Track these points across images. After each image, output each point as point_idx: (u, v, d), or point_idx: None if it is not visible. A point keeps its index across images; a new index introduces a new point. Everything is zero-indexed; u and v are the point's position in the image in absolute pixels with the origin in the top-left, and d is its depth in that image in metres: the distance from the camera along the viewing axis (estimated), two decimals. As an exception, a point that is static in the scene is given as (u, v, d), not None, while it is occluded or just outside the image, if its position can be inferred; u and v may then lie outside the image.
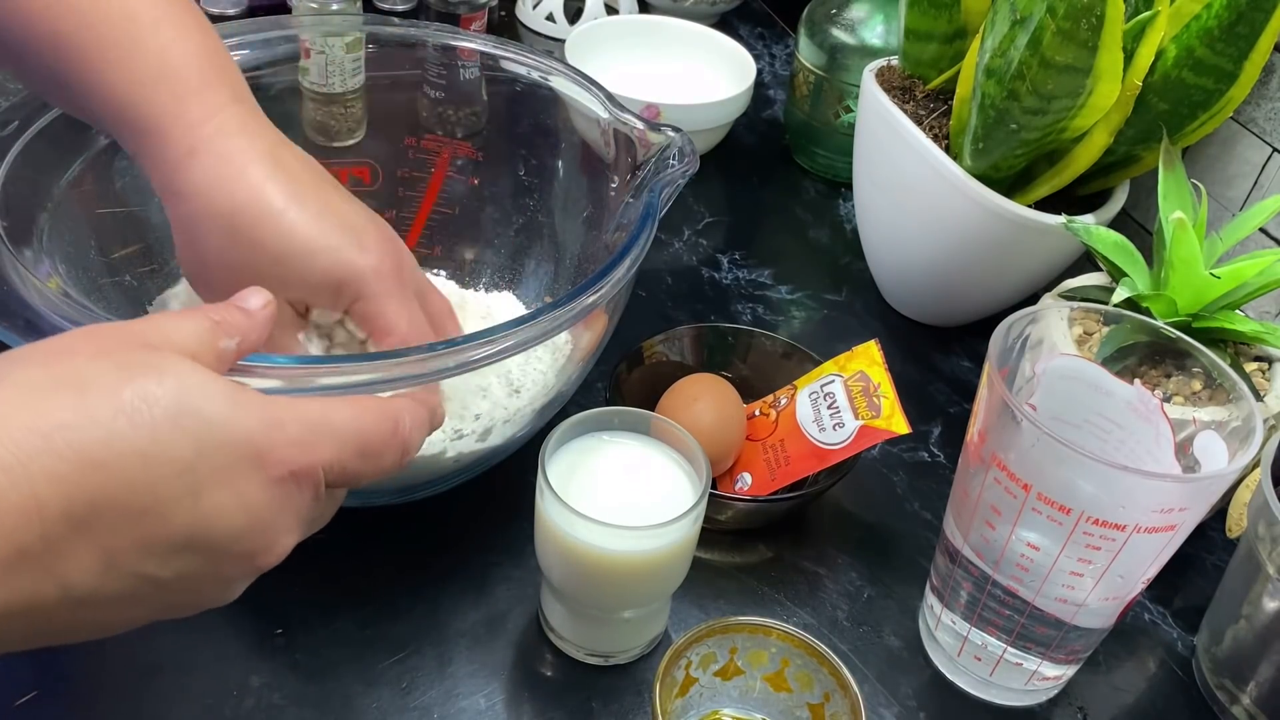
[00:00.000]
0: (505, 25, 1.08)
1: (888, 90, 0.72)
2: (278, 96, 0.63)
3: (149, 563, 0.30)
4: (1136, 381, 0.49)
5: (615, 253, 0.48)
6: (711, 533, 0.58)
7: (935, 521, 0.62)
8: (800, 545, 0.60)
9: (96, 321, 0.40)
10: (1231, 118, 0.68)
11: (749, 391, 0.63)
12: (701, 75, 0.94)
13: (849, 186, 0.86)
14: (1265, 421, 0.52)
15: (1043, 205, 0.66)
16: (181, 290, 0.57)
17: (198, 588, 0.33)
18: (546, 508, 0.47)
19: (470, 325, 0.62)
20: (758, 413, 0.62)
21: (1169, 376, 0.53)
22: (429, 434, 0.41)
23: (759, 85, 0.98)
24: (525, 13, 1.07)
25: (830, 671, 0.45)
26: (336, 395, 0.39)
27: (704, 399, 0.59)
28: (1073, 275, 0.66)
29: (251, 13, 0.98)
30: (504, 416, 0.53)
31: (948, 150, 0.69)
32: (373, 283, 0.43)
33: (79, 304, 0.42)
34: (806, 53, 0.88)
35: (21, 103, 0.51)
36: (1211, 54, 0.59)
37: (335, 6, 0.81)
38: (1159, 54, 0.60)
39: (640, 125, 0.57)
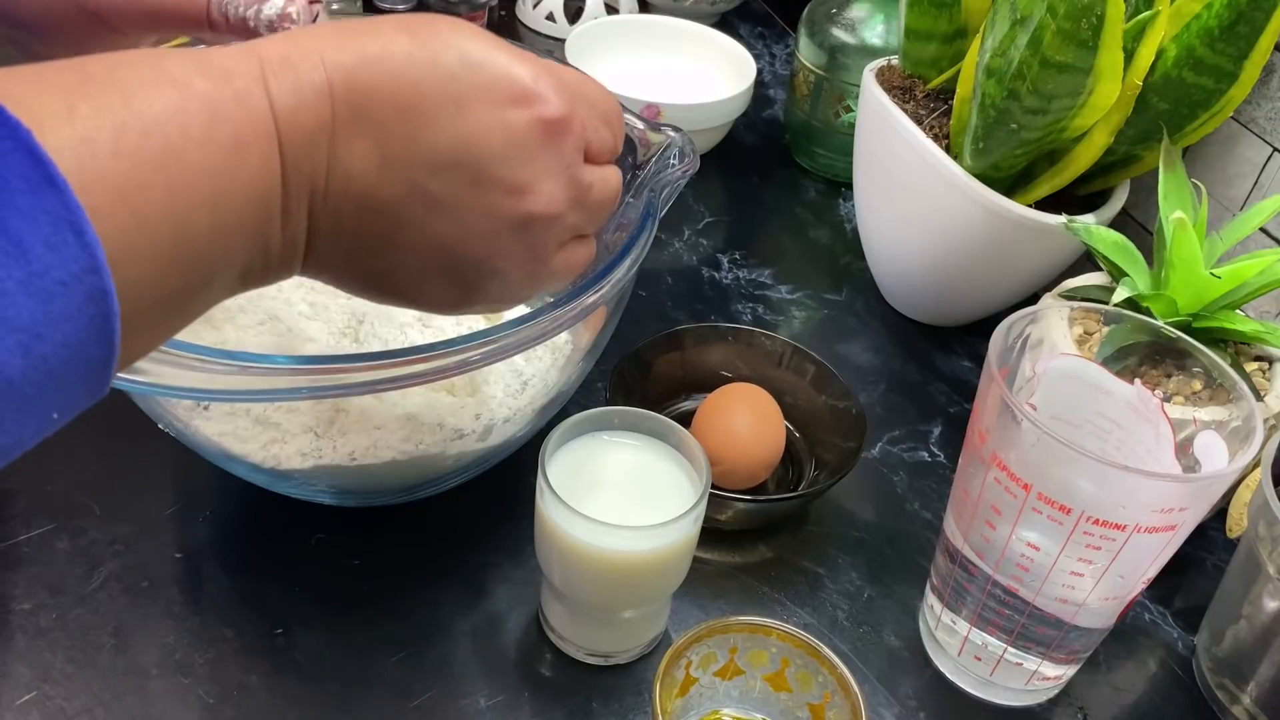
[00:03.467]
0: (505, 25, 1.08)
1: (888, 90, 0.72)
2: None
3: (417, 169, 0.32)
4: (1137, 381, 0.49)
5: (615, 253, 0.48)
6: (711, 533, 0.58)
7: (935, 521, 0.62)
8: (800, 545, 0.60)
9: None
10: (1232, 117, 0.68)
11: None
12: (701, 75, 0.94)
13: (849, 186, 0.86)
14: (1265, 421, 0.52)
15: (1043, 205, 0.66)
16: None
17: (471, 221, 0.34)
18: (546, 508, 0.47)
19: (473, 321, 0.62)
20: None
21: (1169, 376, 0.53)
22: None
23: (759, 85, 0.98)
24: (525, 12, 1.07)
25: (830, 671, 0.45)
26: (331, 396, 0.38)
27: (742, 410, 0.59)
28: (1073, 275, 0.66)
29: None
30: (504, 416, 0.53)
31: (948, 150, 0.69)
32: None
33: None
34: (807, 52, 0.88)
35: None
36: (1212, 53, 0.59)
37: (335, 6, 0.81)
38: (1159, 53, 0.60)
39: (640, 125, 0.57)
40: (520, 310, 0.63)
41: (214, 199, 0.28)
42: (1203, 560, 0.62)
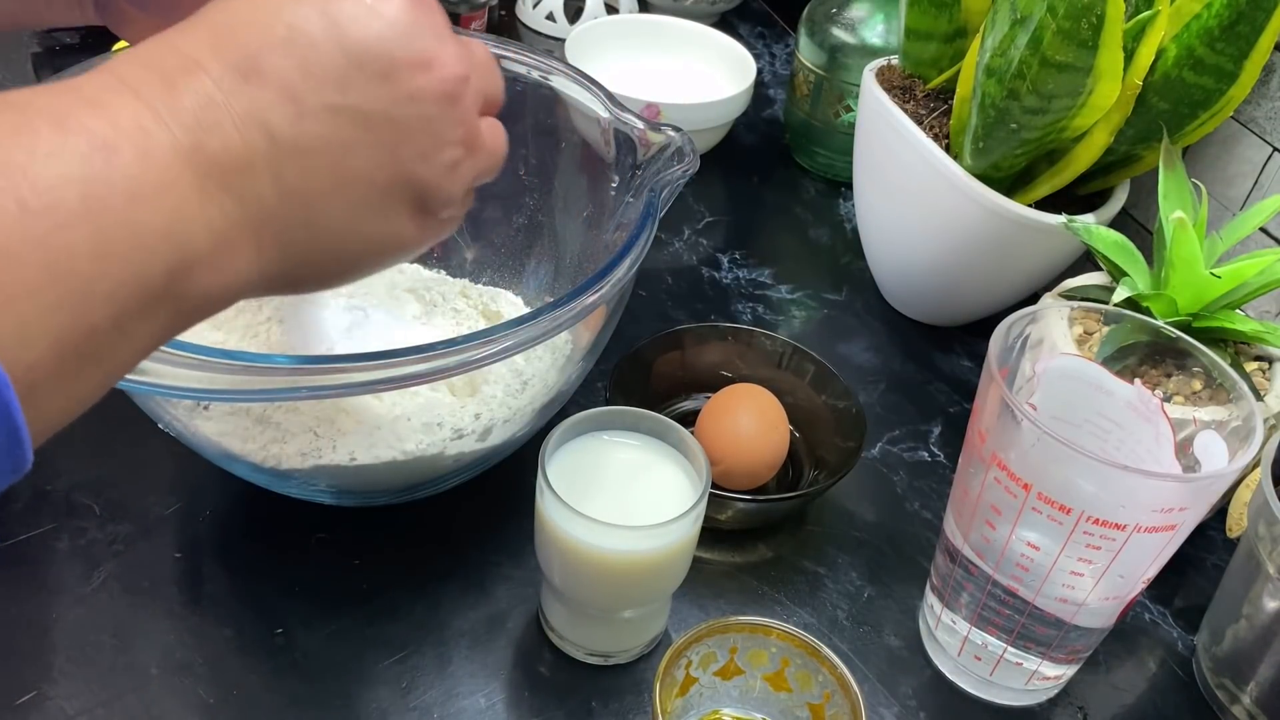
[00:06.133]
0: (505, 25, 1.08)
1: (888, 90, 0.72)
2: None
3: (327, 91, 0.30)
4: (1136, 381, 0.49)
5: (615, 252, 0.48)
6: (711, 533, 0.58)
7: (935, 521, 0.62)
8: (800, 545, 0.60)
9: None
10: (1232, 117, 0.68)
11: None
12: (701, 75, 0.94)
13: (849, 186, 0.86)
14: (1265, 421, 0.52)
15: (1043, 205, 0.66)
16: None
17: (401, 114, 0.32)
18: (546, 508, 0.47)
19: (473, 321, 0.62)
20: None
21: (1169, 376, 0.53)
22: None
23: (759, 85, 0.98)
24: (525, 12, 1.07)
25: (830, 671, 0.45)
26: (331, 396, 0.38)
27: (746, 411, 0.59)
28: (1073, 275, 0.66)
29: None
30: (504, 416, 0.53)
31: (948, 150, 0.69)
32: None
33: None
34: (806, 52, 0.88)
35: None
36: (1212, 53, 0.59)
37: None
38: (1159, 53, 0.60)
39: (640, 125, 0.57)
40: (520, 310, 0.64)
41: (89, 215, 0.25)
42: (1203, 560, 0.62)
